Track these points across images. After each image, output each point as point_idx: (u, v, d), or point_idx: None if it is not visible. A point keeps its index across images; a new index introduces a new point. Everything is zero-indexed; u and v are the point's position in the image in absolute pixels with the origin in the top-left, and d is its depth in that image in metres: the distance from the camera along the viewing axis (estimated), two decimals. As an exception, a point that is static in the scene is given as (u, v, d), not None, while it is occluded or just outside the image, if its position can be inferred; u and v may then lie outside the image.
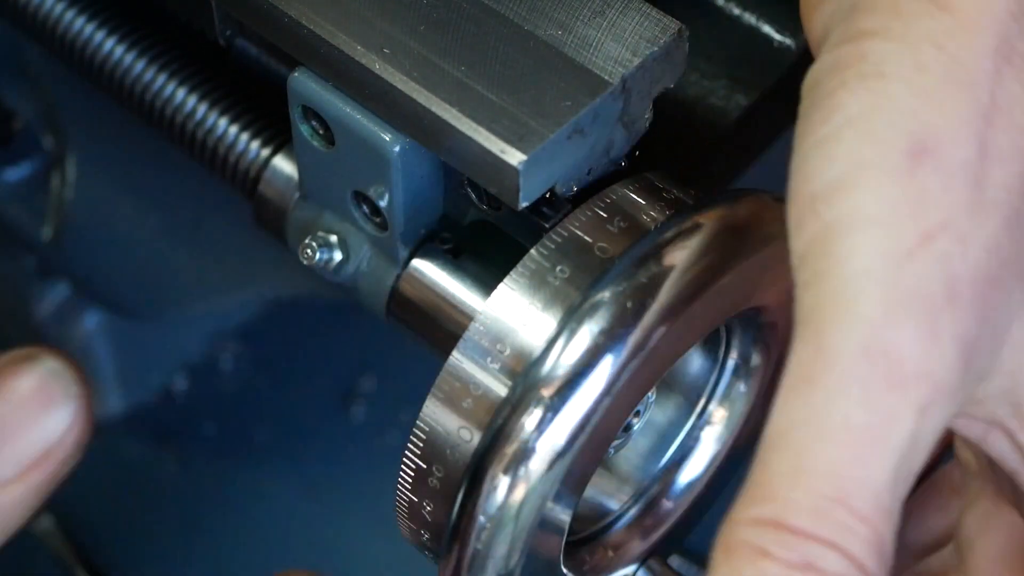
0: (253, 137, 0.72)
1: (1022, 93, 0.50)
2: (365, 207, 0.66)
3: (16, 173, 1.02)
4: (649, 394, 0.66)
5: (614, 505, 0.71)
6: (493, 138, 0.59)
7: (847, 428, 0.46)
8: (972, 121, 0.49)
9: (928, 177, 0.48)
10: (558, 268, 0.58)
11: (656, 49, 0.61)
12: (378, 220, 0.66)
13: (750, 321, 0.66)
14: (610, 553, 0.70)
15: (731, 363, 0.68)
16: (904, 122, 0.49)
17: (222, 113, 0.73)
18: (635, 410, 0.66)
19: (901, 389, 0.46)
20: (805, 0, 0.55)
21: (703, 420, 0.71)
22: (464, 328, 0.65)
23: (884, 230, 0.48)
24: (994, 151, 0.49)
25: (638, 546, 0.71)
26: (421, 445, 0.59)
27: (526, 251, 0.59)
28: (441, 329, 0.66)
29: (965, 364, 0.48)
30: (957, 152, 0.49)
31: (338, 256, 0.68)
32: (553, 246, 0.59)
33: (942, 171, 0.49)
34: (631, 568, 0.66)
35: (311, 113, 0.65)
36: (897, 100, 0.50)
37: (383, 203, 0.65)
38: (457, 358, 0.58)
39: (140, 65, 0.75)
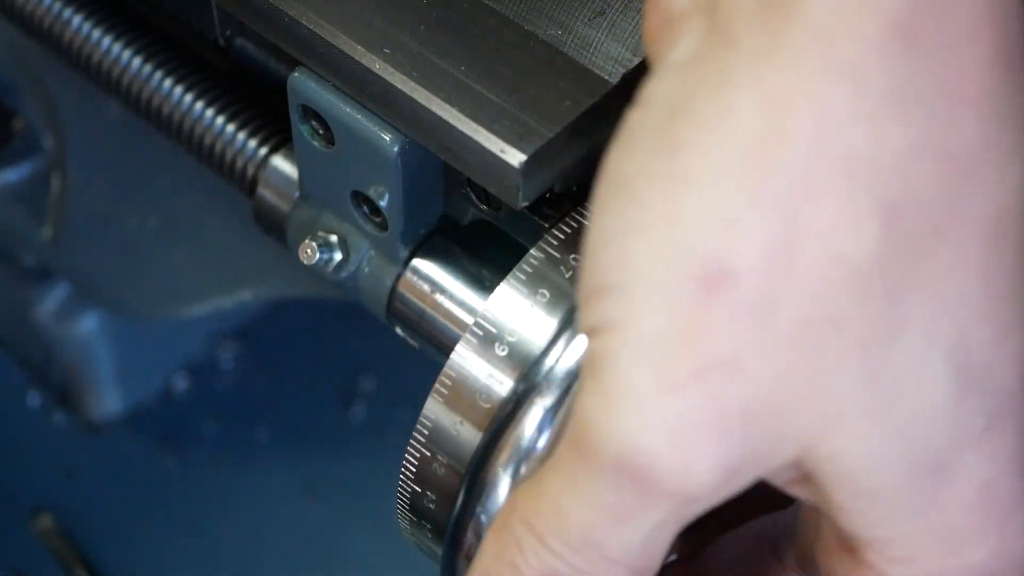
0: (253, 137, 0.72)
1: (840, 211, 0.45)
2: (365, 207, 0.66)
3: (16, 173, 1.02)
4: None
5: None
6: (493, 138, 0.59)
7: (600, 505, 0.49)
8: (776, 251, 0.45)
9: (716, 310, 0.46)
10: (559, 268, 0.58)
11: (656, 49, 0.61)
12: (378, 220, 0.66)
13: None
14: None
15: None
16: (702, 242, 0.46)
17: (222, 113, 0.73)
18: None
19: (650, 498, 0.48)
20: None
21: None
22: (464, 328, 0.65)
23: (658, 358, 0.46)
24: (795, 282, 0.45)
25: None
26: (422, 444, 0.59)
27: (526, 251, 0.59)
28: (441, 329, 0.66)
29: (726, 479, 0.48)
30: (752, 286, 0.45)
31: (338, 256, 0.68)
32: (554, 246, 0.59)
33: (733, 305, 0.46)
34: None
35: (311, 113, 0.65)
36: (699, 214, 0.46)
37: (383, 203, 0.65)
38: (458, 358, 0.58)
39: (140, 65, 0.75)
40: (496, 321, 0.58)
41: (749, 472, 0.48)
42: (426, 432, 0.59)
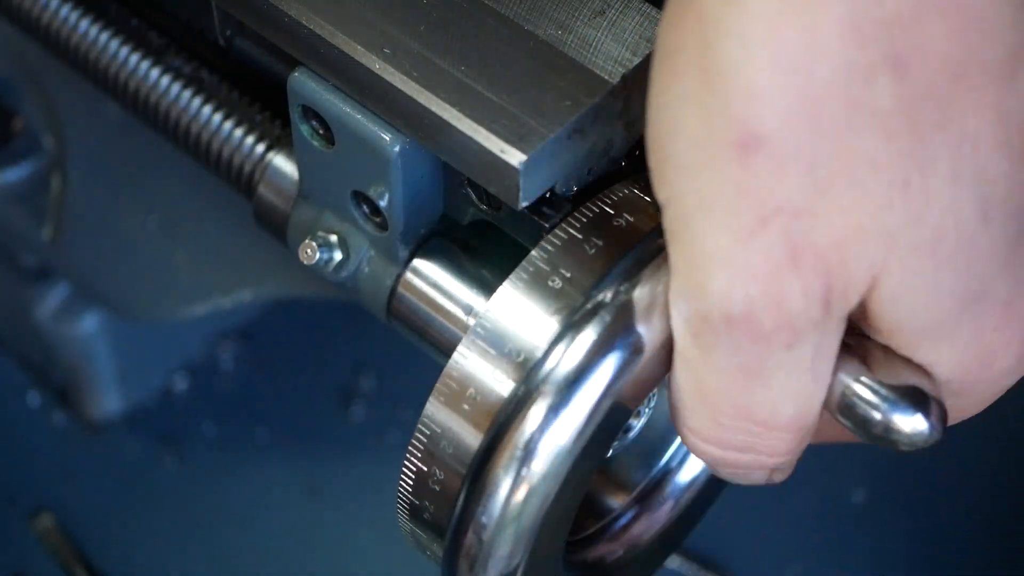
0: (253, 137, 0.72)
1: (853, 66, 0.49)
2: (365, 207, 0.66)
3: (16, 173, 1.02)
4: (651, 394, 0.66)
5: (615, 504, 0.71)
6: (493, 138, 0.59)
7: (730, 367, 0.54)
8: (800, 110, 0.50)
9: (759, 167, 0.50)
10: (560, 269, 0.58)
11: (656, 49, 0.61)
12: (378, 220, 0.66)
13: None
14: (611, 552, 0.70)
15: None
16: (732, 112, 0.50)
17: (222, 113, 0.73)
18: (637, 410, 0.66)
19: (764, 343, 0.53)
20: None
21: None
22: (465, 328, 0.65)
23: (724, 215, 0.51)
24: (823, 133, 0.50)
25: (638, 545, 0.71)
26: (423, 445, 0.59)
27: (526, 251, 0.59)
28: (442, 329, 0.66)
29: (822, 310, 0.52)
30: (785, 143, 0.50)
31: (338, 256, 0.68)
32: (554, 247, 0.59)
33: (774, 160, 0.50)
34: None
35: (311, 113, 0.65)
36: (725, 85, 0.50)
37: (383, 203, 0.65)
38: (459, 358, 0.58)
39: (141, 65, 0.75)
40: (498, 322, 0.58)
41: (839, 305, 0.53)
42: (427, 433, 0.59)
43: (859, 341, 0.56)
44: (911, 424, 0.55)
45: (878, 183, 0.51)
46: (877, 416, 0.55)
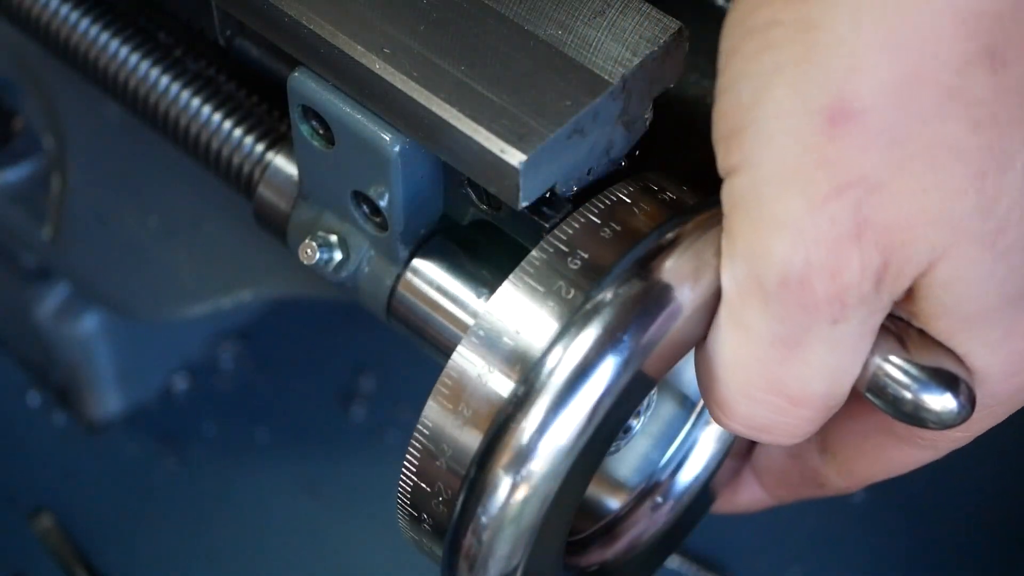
0: (253, 137, 0.72)
1: (954, 56, 0.51)
2: (365, 207, 0.66)
3: (16, 173, 1.02)
4: (650, 395, 0.66)
5: (615, 505, 0.71)
6: (493, 138, 0.59)
7: (771, 335, 0.55)
8: (899, 88, 0.51)
9: (847, 138, 0.52)
10: (560, 268, 0.58)
11: (656, 49, 0.61)
12: (378, 220, 0.66)
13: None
14: (610, 552, 0.70)
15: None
16: (829, 83, 0.52)
17: (222, 113, 0.73)
18: (636, 411, 0.66)
19: (812, 312, 0.54)
20: None
21: (702, 420, 0.71)
22: (465, 328, 0.65)
23: (800, 183, 0.53)
24: (917, 114, 0.52)
25: (638, 546, 0.71)
26: (423, 445, 0.59)
27: (526, 251, 0.59)
28: (441, 329, 0.66)
29: (873, 286, 0.54)
30: (878, 118, 0.52)
31: (338, 256, 0.68)
32: (554, 247, 0.59)
33: (862, 134, 0.52)
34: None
35: (311, 113, 0.65)
36: (826, 57, 0.52)
37: (383, 203, 0.65)
38: (459, 358, 0.58)
39: (141, 65, 0.75)
40: (497, 322, 0.58)
41: (891, 283, 0.54)
42: (426, 433, 0.59)
43: (894, 323, 0.57)
44: (941, 403, 0.56)
45: (956, 170, 0.52)
46: (908, 395, 0.56)
